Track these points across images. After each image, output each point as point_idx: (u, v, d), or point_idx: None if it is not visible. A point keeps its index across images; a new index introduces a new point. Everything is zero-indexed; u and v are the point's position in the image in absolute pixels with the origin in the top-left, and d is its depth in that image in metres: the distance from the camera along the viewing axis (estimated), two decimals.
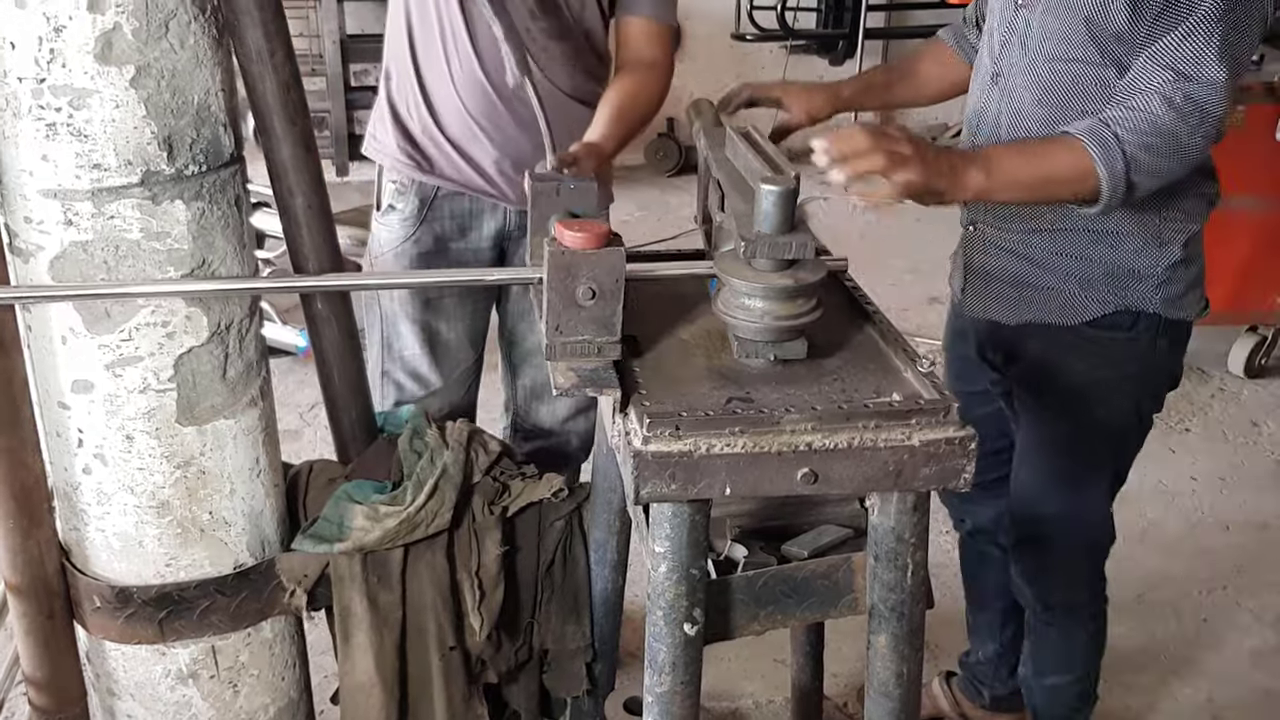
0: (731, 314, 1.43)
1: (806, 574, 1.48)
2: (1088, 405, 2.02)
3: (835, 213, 5.97)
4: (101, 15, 1.32)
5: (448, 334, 2.35)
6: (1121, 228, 1.91)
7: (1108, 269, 1.93)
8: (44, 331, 1.47)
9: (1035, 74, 1.90)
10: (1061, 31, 1.85)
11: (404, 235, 2.29)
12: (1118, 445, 2.11)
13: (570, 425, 2.51)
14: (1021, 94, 1.92)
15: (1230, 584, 3.10)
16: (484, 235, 2.31)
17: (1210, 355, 4.23)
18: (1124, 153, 1.66)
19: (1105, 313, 1.96)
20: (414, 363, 2.35)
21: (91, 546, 1.59)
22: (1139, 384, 2.03)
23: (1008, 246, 2.00)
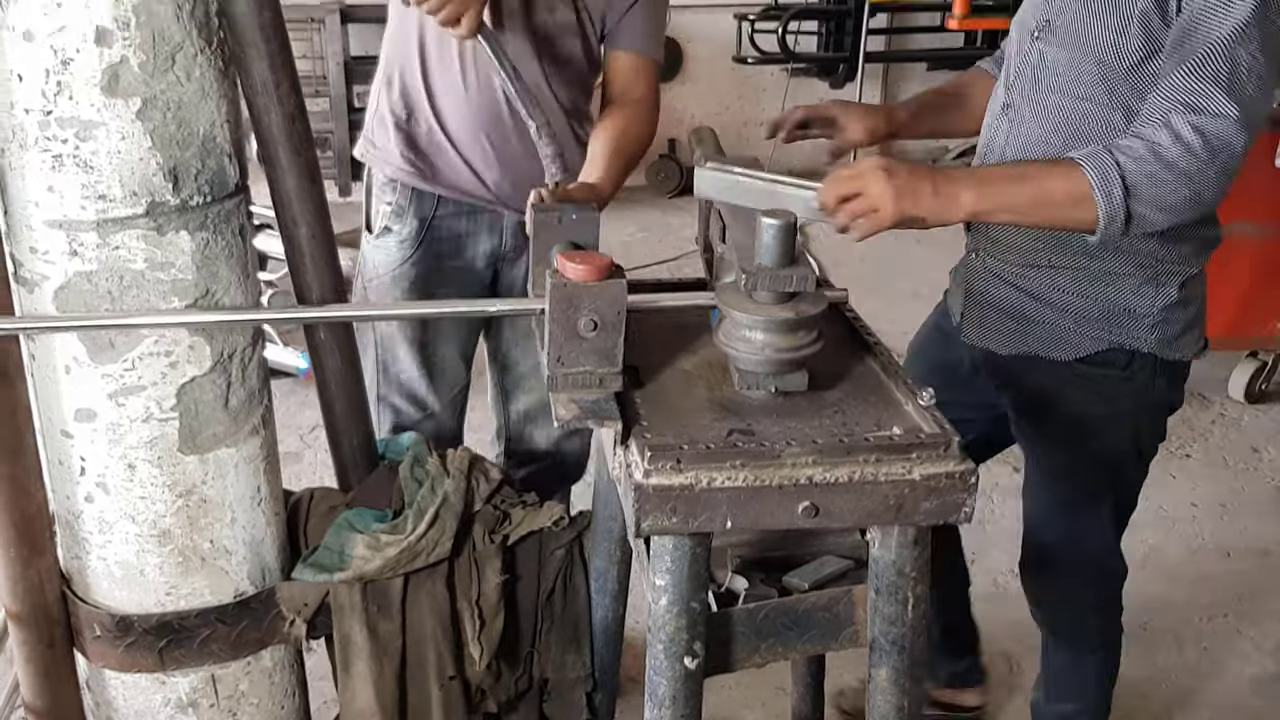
0: (733, 346, 1.44)
1: (807, 606, 1.48)
2: (1083, 437, 2.04)
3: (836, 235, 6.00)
4: (109, 49, 1.33)
5: (444, 353, 2.37)
6: (1119, 268, 1.91)
7: (1103, 307, 1.94)
8: (48, 361, 1.48)
9: (1044, 108, 1.91)
10: (1073, 68, 1.86)
11: (402, 258, 2.30)
12: (1114, 476, 2.12)
13: (565, 446, 2.53)
14: (1030, 127, 1.94)
15: (1231, 611, 3.10)
16: (479, 254, 2.33)
17: (1211, 381, 4.23)
18: (1123, 179, 1.62)
19: (1099, 349, 1.96)
20: (411, 385, 2.35)
21: (92, 575, 1.60)
22: (1134, 418, 2.04)
23: (1006, 278, 2.01)
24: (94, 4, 1.31)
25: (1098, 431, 2.02)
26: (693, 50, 6.62)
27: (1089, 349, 1.97)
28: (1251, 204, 3.83)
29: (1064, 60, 1.88)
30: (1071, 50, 1.86)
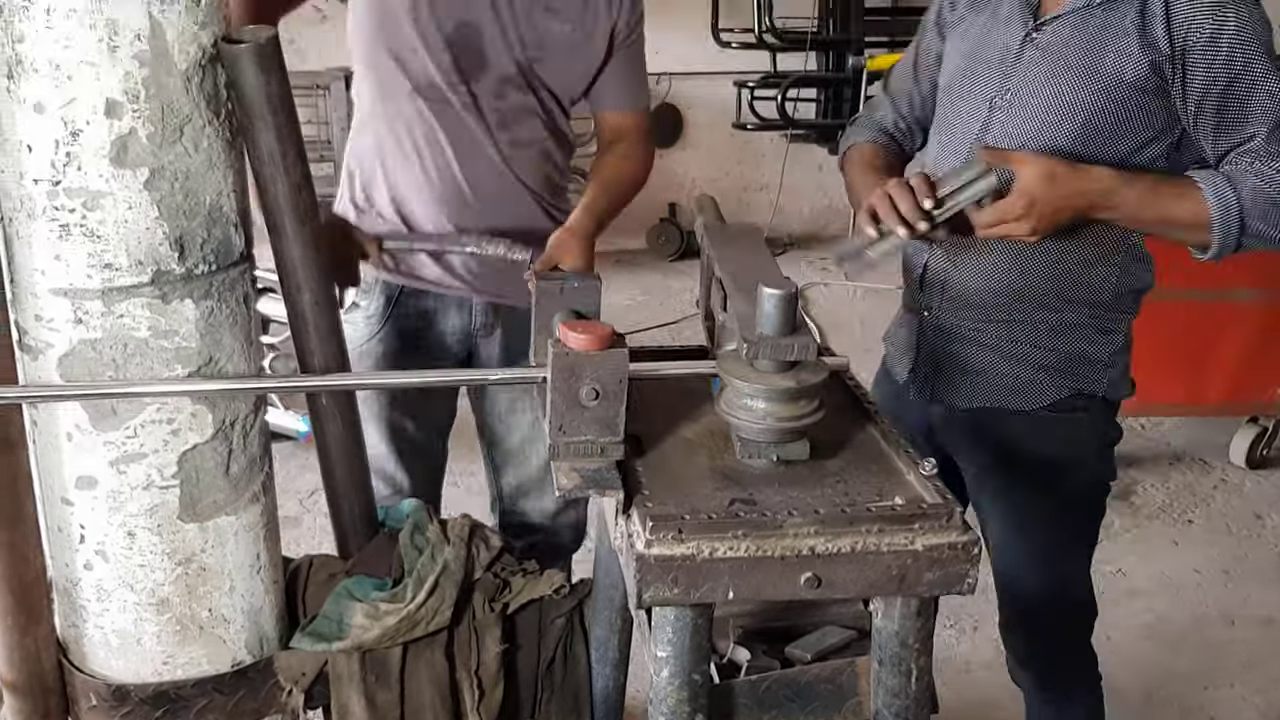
0: (734, 414, 1.44)
1: (810, 678, 1.47)
2: (1054, 482, 2.07)
3: (835, 298, 6.02)
4: (118, 120, 1.35)
5: (414, 431, 2.34)
6: (1075, 318, 1.99)
7: (1062, 356, 2.00)
8: (50, 428, 1.48)
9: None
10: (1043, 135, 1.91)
11: (369, 333, 2.30)
12: (1086, 516, 2.16)
13: (561, 519, 2.50)
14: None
15: (1237, 681, 3.07)
16: (449, 332, 2.31)
17: (1212, 446, 4.23)
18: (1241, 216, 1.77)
19: (1061, 397, 2.02)
20: (381, 462, 2.32)
21: (89, 643, 1.58)
22: (1095, 458, 2.10)
23: (962, 334, 2.04)
24: (105, 76, 1.33)
25: (1066, 475, 2.06)
26: (693, 116, 6.70)
27: (1052, 397, 2.02)
28: (1250, 270, 3.86)
29: (1034, 129, 1.93)
30: (1045, 118, 1.92)
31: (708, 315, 1.84)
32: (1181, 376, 3.97)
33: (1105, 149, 1.89)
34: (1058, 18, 1.92)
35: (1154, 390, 4.01)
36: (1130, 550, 3.65)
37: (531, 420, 2.38)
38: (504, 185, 2.23)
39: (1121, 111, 1.88)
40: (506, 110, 2.20)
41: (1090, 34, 1.88)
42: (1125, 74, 1.86)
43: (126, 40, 1.33)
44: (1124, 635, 3.23)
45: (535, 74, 2.20)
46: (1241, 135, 1.81)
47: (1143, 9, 1.84)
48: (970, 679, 3.04)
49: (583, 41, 2.21)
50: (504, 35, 2.15)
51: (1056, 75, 1.91)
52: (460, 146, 2.19)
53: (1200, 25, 1.80)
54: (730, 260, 1.69)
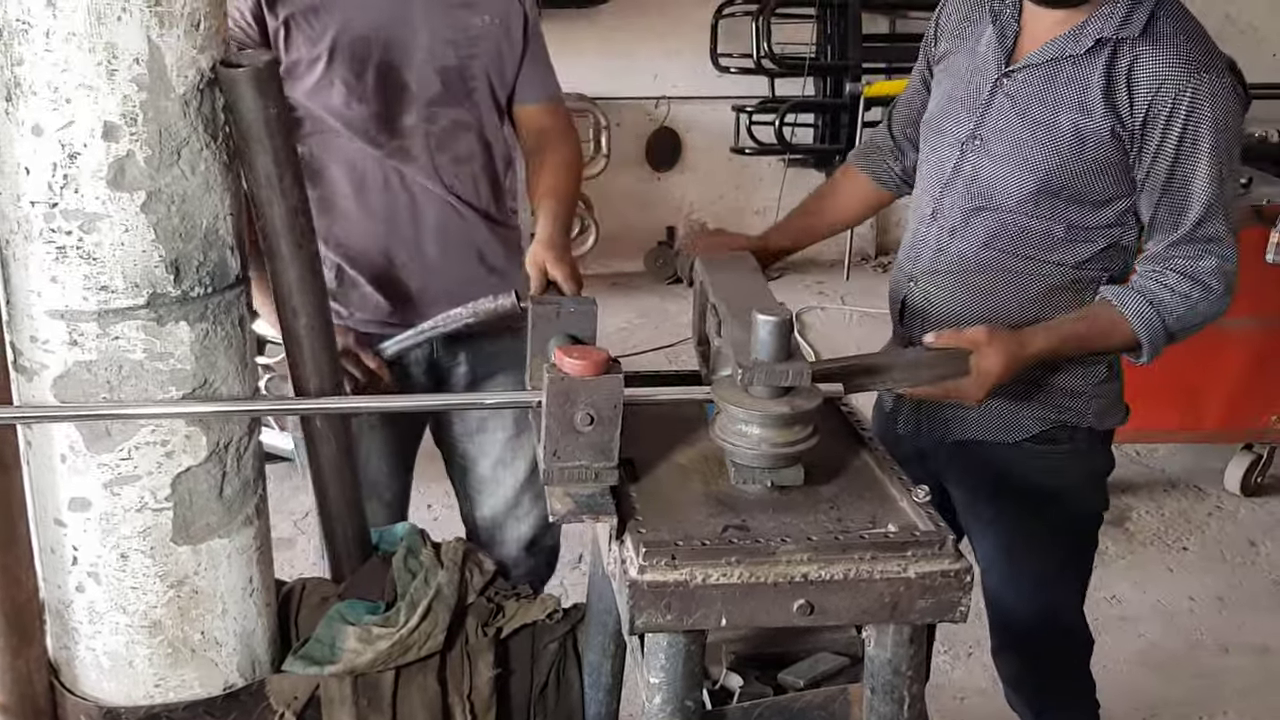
0: (729, 440, 1.44)
1: (803, 705, 1.47)
2: (1041, 509, 2.08)
3: (831, 322, 6.03)
4: (115, 143, 1.35)
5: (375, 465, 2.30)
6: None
7: (1042, 388, 2.01)
8: (44, 449, 1.48)
9: (978, 221, 1.97)
10: (1012, 183, 1.93)
11: None
12: (1076, 543, 2.17)
13: (535, 549, 2.47)
14: (962, 238, 1.99)
15: (1231, 708, 3.07)
16: (413, 362, 2.28)
17: (1206, 474, 4.23)
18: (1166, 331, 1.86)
19: (1043, 429, 2.03)
20: None
21: (81, 665, 1.58)
22: (1082, 487, 2.11)
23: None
24: (103, 100, 1.34)
25: (1053, 502, 2.07)
26: (691, 140, 6.71)
27: (1034, 429, 2.03)
28: (1243, 298, 3.84)
29: (1001, 175, 1.94)
30: (1011, 167, 1.92)
31: (701, 341, 1.84)
32: (1176, 403, 3.97)
33: (1068, 206, 1.91)
34: (1028, 66, 1.92)
35: (1149, 417, 4.00)
36: (1124, 577, 3.65)
37: (504, 440, 2.36)
38: (447, 210, 2.21)
39: (1082, 170, 1.88)
40: (438, 132, 2.18)
41: (1058, 88, 1.89)
42: (1086, 134, 1.86)
43: (125, 64, 1.34)
44: (1118, 662, 3.22)
45: (469, 75, 2.18)
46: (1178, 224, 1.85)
47: (1109, 69, 1.84)
48: (964, 706, 3.03)
49: (504, 34, 2.22)
50: (432, 46, 2.13)
51: (1022, 127, 1.92)
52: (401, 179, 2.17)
53: (1162, 95, 1.80)
54: (724, 286, 1.69)
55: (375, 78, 2.10)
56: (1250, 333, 3.92)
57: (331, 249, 2.20)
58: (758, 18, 6.17)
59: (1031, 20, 1.94)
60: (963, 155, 1.99)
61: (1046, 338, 1.81)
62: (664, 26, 6.24)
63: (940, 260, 2.02)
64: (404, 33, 2.12)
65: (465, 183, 2.23)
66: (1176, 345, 1.97)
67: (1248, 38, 6.62)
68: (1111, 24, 1.84)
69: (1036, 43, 1.92)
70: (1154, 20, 1.83)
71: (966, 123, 1.99)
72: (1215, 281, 1.85)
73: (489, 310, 2.09)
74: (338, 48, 2.07)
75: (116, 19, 1.32)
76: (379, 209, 2.18)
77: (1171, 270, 1.84)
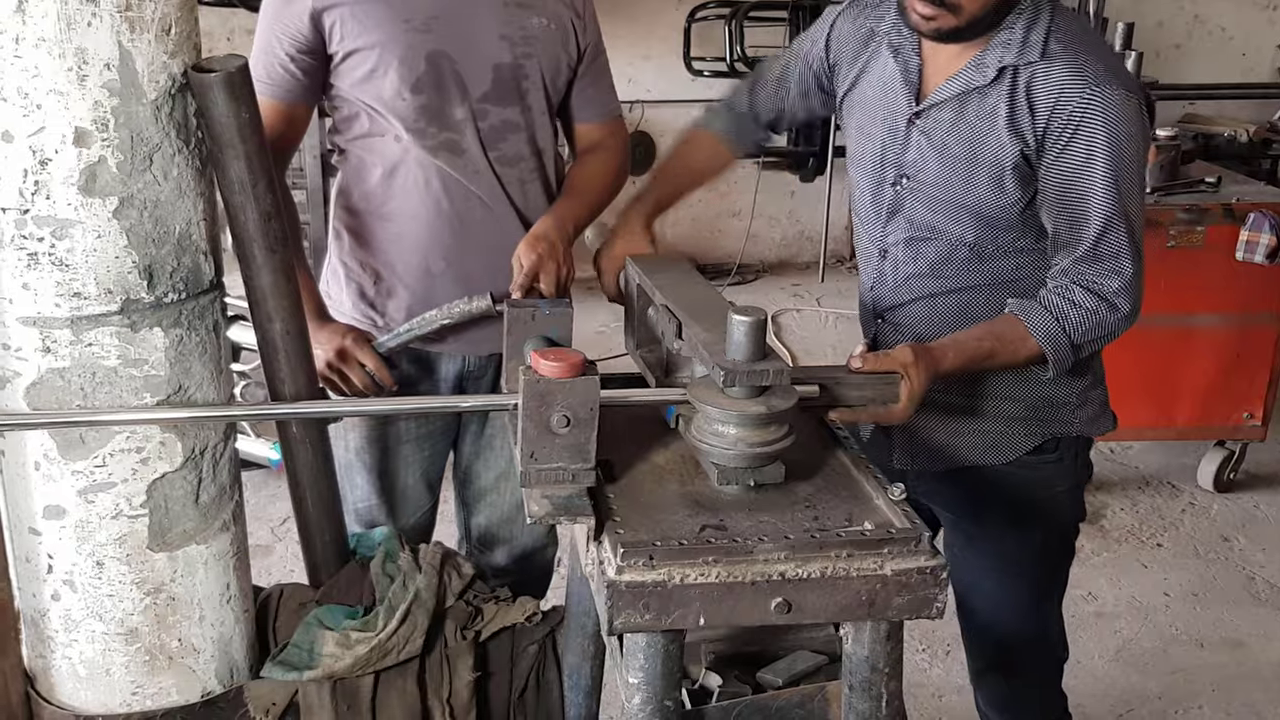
0: (705, 441, 1.44)
1: (781, 704, 1.47)
2: (1031, 527, 2.07)
3: (807, 324, 6.05)
4: (87, 149, 1.35)
5: (405, 480, 2.31)
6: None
7: (1029, 404, 1.99)
8: (18, 457, 1.47)
9: (922, 254, 1.98)
10: (946, 218, 1.93)
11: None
12: (1064, 555, 2.17)
13: (527, 563, 2.46)
14: (915, 267, 1.99)
15: (1206, 703, 3.09)
16: (443, 378, 2.27)
17: (1180, 470, 4.27)
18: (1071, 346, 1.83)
19: (1034, 445, 2.02)
20: (370, 514, 2.30)
21: (57, 674, 1.57)
22: (1068, 496, 2.11)
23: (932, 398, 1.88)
24: (74, 105, 1.33)
25: (1040, 520, 2.07)
26: (665, 144, 6.71)
27: (1025, 447, 2.02)
28: (1214, 295, 3.91)
29: (935, 212, 1.94)
30: (941, 204, 1.93)
31: (641, 344, 1.84)
32: (1150, 401, 4.00)
33: (1008, 231, 1.91)
34: (937, 104, 1.91)
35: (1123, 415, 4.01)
36: (1099, 573, 3.67)
37: (508, 456, 2.34)
38: (490, 215, 2.18)
39: (1006, 199, 1.88)
40: (487, 129, 2.16)
41: (969, 122, 1.88)
42: (1002, 164, 1.85)
43: (96, 69, 1.34)
44: (1093, 659, 3.25)
45: (523, 75, 2.16)
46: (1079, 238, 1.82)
47: (1011, 97, 1.84)
48: (942, 704, 3.04)
49: (561, 42, 2.20)
50: (486, 40, 2.11)
51: (942, 165, 1.91)
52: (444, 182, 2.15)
53: (1058, 110, 1.80)
54: (669, 289, 1.69)
55: (428, 67, 2.08)
56: (1222, 330, 3.96)
57: (371, 255, 2.20)
58: (730, 21, 6.18)
59: (933, 54, 1.93)
60: (896, 196, 1.99)
61: (957, 355, 1.77)
62: (637, 30, 6.25)
63: (901, 293, 2.02)
64: (458, 23, 2.10)
65: (513, 185, 2.20)
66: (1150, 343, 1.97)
67: (1216, 39, 6.68)
68: (1011, 51, 1.83)
69: (941, 75, 1.91)
70: (1049, 40, 1.83)
71: (890, 163, 1.98)
72: (1122, 300, 1.82)
73: (464, 312, 2.08)
74: (392, 34, 2.06)
75: (86, 24, 1.32)
76: (419, 213, 2.16)
77: (1079, 286, 1.82)
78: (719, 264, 6.54)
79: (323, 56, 2.08)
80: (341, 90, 2.12)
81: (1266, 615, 3.50)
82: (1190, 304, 3.90)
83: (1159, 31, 6.47)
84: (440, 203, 2.15)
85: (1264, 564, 3.78)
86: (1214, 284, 3.88)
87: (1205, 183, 3.93)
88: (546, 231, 2.10)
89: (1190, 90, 5.94)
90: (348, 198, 2.22)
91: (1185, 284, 3.85)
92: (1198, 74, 6.36)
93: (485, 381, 2.30)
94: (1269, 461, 4.36)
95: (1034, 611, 2.14)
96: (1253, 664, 3.27)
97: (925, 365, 1.68)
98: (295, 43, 2.05)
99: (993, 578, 2.11)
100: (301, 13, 2.03)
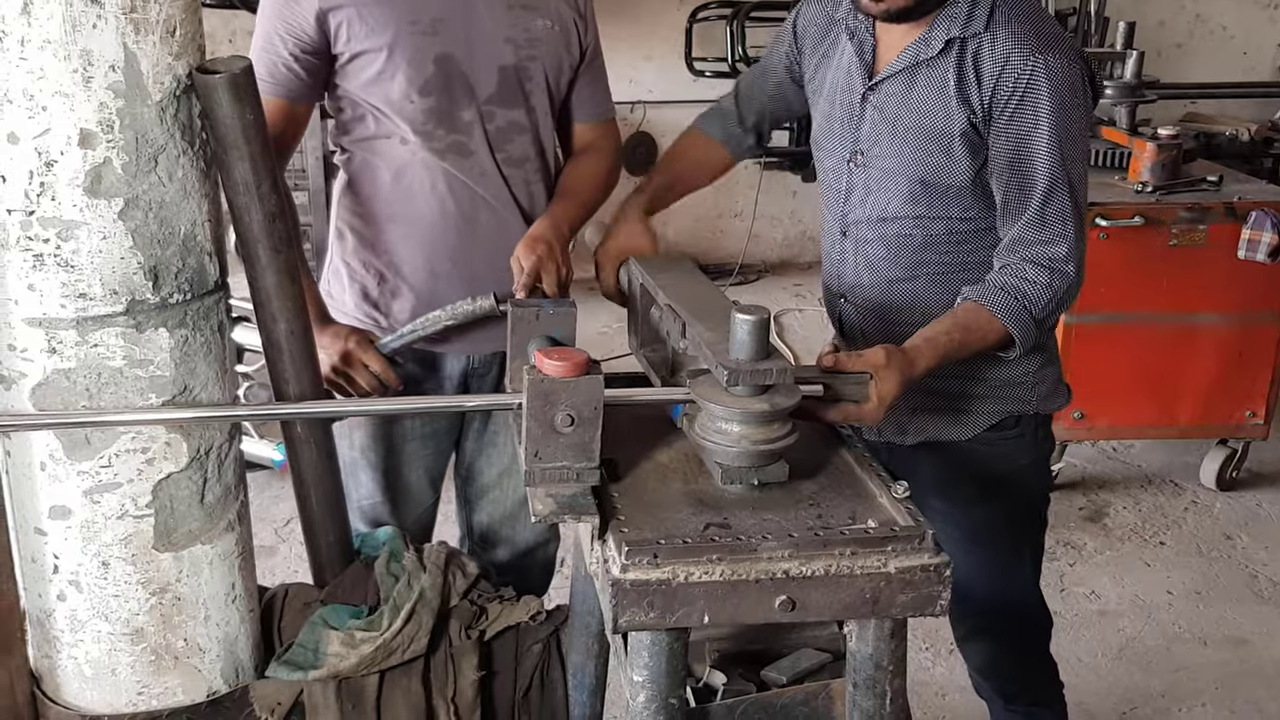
0: (709, 439, 1.45)
1: (786, 701, 1.48)
2: (993, 497, 2.12)
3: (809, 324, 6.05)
4: (92, 150, 1.35)
5: (409, 478, 2.31)
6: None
7: (987, 384, 2.05)
8: (23, 458, 1.48)
9: (882, 234, 2.03)
10: (899, 193, 1.98)
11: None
12: (1029, 527, 2.21)
13: (528, 560, 2.46)
14: (873, 249, 2.04)
15: (1209, 701, 3.09)
16: (447, 375, 2.27)
17: (1182, 468, 4.27)
18: (1034, 320, 1.86)
19: (993, 422, 2.08)
20: (374, 511, 2.30)
21: (63, 674, 1.57)
22: (1031, 470, 2.17)
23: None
24: (79, 107, 1.34)
25: (1005, 489, 2.11)
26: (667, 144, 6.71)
27: (985, 424, 2.08)
28: (1216, 294, 3.90)
29: (888, 187, 1.99)
30: (895, 178, 1.98)
31: (645, 343, 1.85)
32: (1152, 399, 4.00)
33: (958, 203, 1.95)
34: (888, 77, 1.96)
35: (1125, 413, 4.04)
36: (1102, 572, 3.67)
37: (511, 453, 2.35)
38: (496, 216, 2.19)
39: (956, 169, 1.92)
40: (494, 130, 2.16)
41: (918, 94, 1.93)
42: (951, 133, 1.91)
43: (101, 71, 1.34)
44: (1097, 657, 3.25)
45: (527, 77, 2.17)
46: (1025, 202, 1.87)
47: (959, 67, 1.89)
48: (945, 702, 3.04)
49: (564, 43, 2.21)
50: (491, 42, 2.12)
51: (893, 137, 1.96)
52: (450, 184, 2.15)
53: (1004, 78, 1.85)
54: (672, 288, 1.70)
55: (435, 70, 2.08)
56: (1224, 329, 3.95)
57: (375, 256, 2.20)
58: (732, 22, 6.19)
59: (885, 33, 2.00)
60: (851, 174, 2.04)
61: (931, 353, 1.79)
62: (638, 31, 6.25)
63: (861, 275, 2.07)
64: (464, 25, 2.11)
65: (519, 186, 2.21)
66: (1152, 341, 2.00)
67: (1217, 37, 6.68)
68: (957, 24, 1.90)
69: (892, 52, 1.97)
70: (994, 12, 1.90)
71: (846, 141, 2.04)
72: (1070, 265, 1.87)
73: (467, 312, 2.09)
74: (400, 37, 2.05)
75: (92, 26, 1.32)
76: (426, 215, 2.16)
77: (1028, 263, 1.87)
78: (721, 264, 6.54)
79: (327, 57, 2.08)
80: (347, 91, 2.12)
81: (1269, 613, 3.50)
82: (1192, 303, 3.90)
83: (1160, 30, 6.48)
84: (446, 204, 2.16)
85: (1267, 562, 3.77)
86: (1216, 283, 3.87)
87: (1207, 181, 3.93)
88: (544, 233, 2.10)
89: (1192, 89, 5.94)
90: (352, 199, 2.22)
91: (1187, 283, 3.85)
92: (1199, 73, 6.36)
93: (489, 379, 2.30)
94: (1271, 460, 4.36)
95: (1006, 580, 2.20)
96: (1256, 662, 3.27)
97: (898, 368, 1.68)
98: (299, 42, 2.05)
99: (963, 548, 2.15)
100: (307, 13, 2.03)
